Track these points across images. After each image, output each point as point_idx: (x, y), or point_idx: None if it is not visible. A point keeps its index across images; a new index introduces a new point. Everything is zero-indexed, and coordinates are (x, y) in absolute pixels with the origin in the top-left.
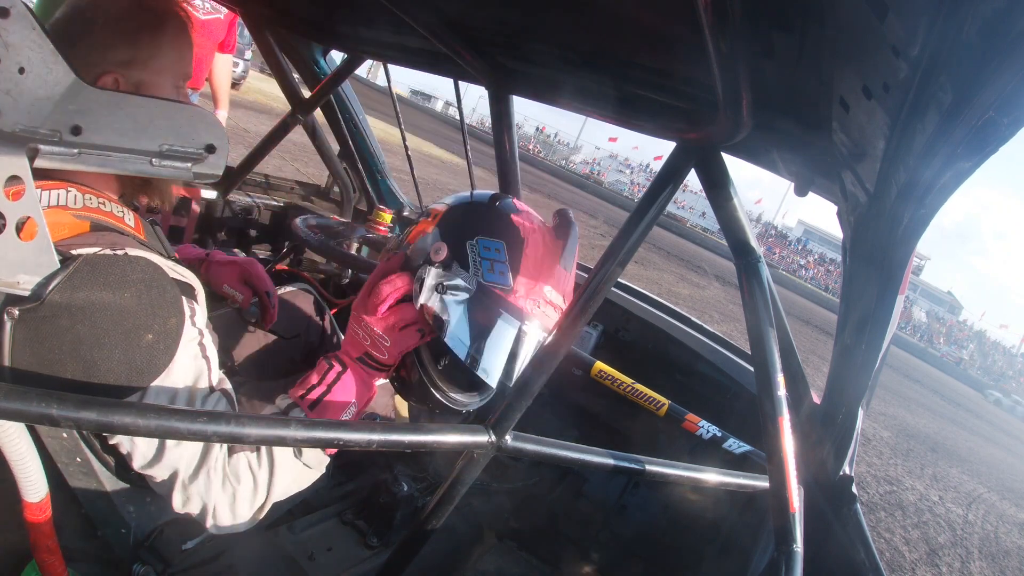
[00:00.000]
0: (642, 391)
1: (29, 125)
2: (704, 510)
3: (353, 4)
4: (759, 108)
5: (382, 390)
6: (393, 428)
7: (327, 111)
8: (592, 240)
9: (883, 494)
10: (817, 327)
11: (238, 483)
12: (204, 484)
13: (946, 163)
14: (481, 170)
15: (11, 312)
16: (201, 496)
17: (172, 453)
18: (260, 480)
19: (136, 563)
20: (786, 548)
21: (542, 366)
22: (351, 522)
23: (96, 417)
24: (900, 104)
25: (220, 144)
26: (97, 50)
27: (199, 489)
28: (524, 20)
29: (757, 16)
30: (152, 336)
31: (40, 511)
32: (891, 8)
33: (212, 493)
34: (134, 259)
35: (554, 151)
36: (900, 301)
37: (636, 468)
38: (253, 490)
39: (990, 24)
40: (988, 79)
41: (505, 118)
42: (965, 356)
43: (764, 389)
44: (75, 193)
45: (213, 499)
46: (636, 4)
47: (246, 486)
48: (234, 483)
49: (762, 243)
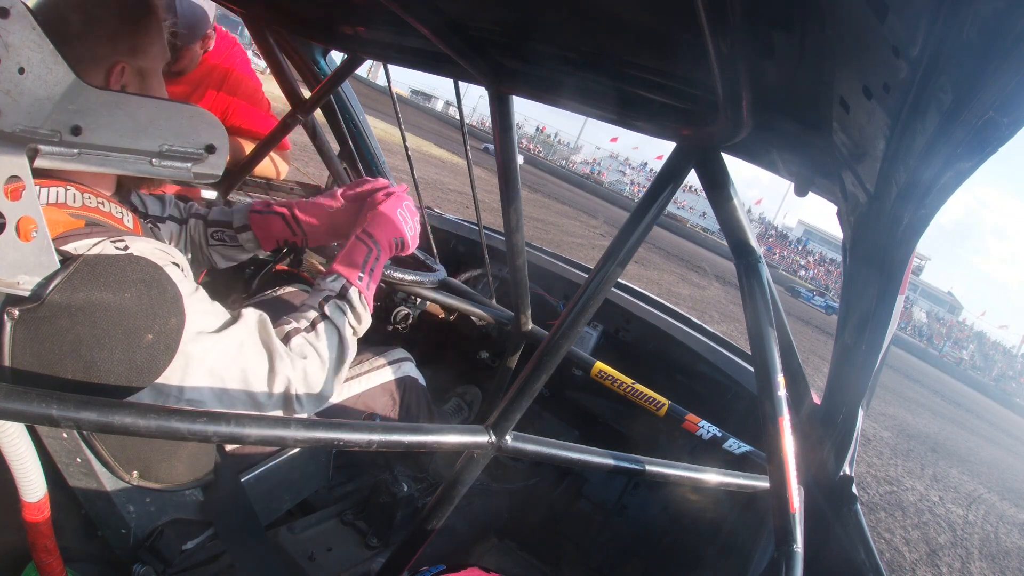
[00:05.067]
0: (642, 391)
1: (29, 125)
2: (704, 510)
3: (353, 4)
4: (759, 108)
5: (382, 389)
6: (393, 428)
7: (327, 111)
8: (592, 240)
9: (883, 494)
10: (817, 327)
11: (305, 359)
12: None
13: (946, 163)
14: (481, 170)
15: (11, 312)
16: (284, 380)
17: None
18: (321, 351)
19: (136, 563)
20: (786, 548)
21: (542, 366)
22: (351, 522)
23: (96, 417)
24: (900, 104)
25: (220, 144)
26: (105, 42)
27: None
28: (524, 20)
29: (757, 16)
30: (152, 336)
31: (38, 511)
32: (891, 8)
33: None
34: (134, 259)
35: (554, 151)
36: (900, 301)
37: (636, 468)
38: (320, 362)
39: (990, 24)
40: (988, 79)
41: (505, 118)
42: (965, 356)
43: (764, 389)
44: (74, 192)
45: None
46: (636, 4)
47: (312, 360)
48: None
49: (762, 243)
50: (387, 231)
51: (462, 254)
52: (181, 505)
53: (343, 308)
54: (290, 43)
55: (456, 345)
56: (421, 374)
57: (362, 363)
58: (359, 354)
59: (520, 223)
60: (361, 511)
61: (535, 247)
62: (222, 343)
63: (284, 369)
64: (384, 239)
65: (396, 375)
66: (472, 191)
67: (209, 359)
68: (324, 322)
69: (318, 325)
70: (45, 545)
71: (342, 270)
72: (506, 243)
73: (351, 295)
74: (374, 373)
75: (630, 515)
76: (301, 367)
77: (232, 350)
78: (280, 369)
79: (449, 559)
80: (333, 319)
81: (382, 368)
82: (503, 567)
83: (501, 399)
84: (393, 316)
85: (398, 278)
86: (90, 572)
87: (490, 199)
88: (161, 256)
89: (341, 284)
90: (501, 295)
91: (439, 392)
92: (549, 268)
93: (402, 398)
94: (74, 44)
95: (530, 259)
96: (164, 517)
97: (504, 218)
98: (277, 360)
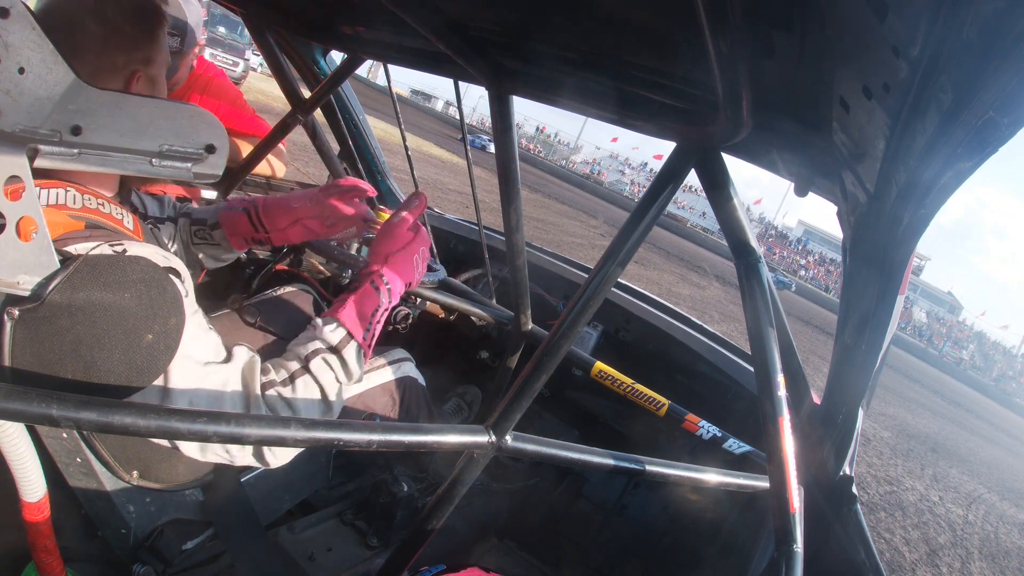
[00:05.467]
0: (642, 391)
1: (29, 125)
2: (704, 510)
3: (353, 4)
4: (759, 108)
5: (382, 389)
6: (393, 428)
7: (327, 111)
8: (592, 240)
9: (883, 494)
10: (817, 327)
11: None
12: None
13: (946, 163)
14: (481, 170)
15: (11, 312)
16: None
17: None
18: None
19: (136, 563)
20: (786, 548)
21: (542, 366)
22: (351, 522)
23: (96, 417)
24: (900, 104)
25: (220, 144)
26: (123, 52)
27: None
28: (524, 20)
29: (757, 16)
30: (152, 336)
31: (38, 511)
32: (891, 8)
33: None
34: (134, 259)
35: (554, 151)
36: (900, 301)
37: (636, 468)
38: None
39: (990, 24)
40: (988, 79)
41: (505, 118)
42: (965, 356)
43: (764, 389)
44: (74, 193)
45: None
46: (636, 4)
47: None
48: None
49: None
50: (405, 276)
51: (462, 254)
52: (181, 505)
53: (331, 365)
54: (290, 43)
55: (456, 345)
56: (421, 374)
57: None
58: None
59: (520, 223)
60: (361, 511)
61: (535, 247)
62: (206, 376)
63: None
64: (400, 288)
65: (396, 375)
66: (472, 191)
67: (190, 384)
68: (305, 376)
69: (297, 380)
70: (45, 545)
71: (346, 321)
72: (506, 243)
73: (347, 352)
74: (374, 373)
75: (630, 515)
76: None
77: (215, 385)
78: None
79: (449, 559)
80: (317, 375)
81: (382, 368)
82: (503, 567)
83: (501, 399)
84: (393, 316)
85: None
86: (90, 572)
87: (490, 199)
88: (161, 262)
89: (340, 337)
90: (501, 295)
91: (439, 392)
92: (549, 268)
93: (402, 398)
94: (94, 54)
95: (530, 259)
96: (164, 517)
97: (504, 218)
98: (254, 411)
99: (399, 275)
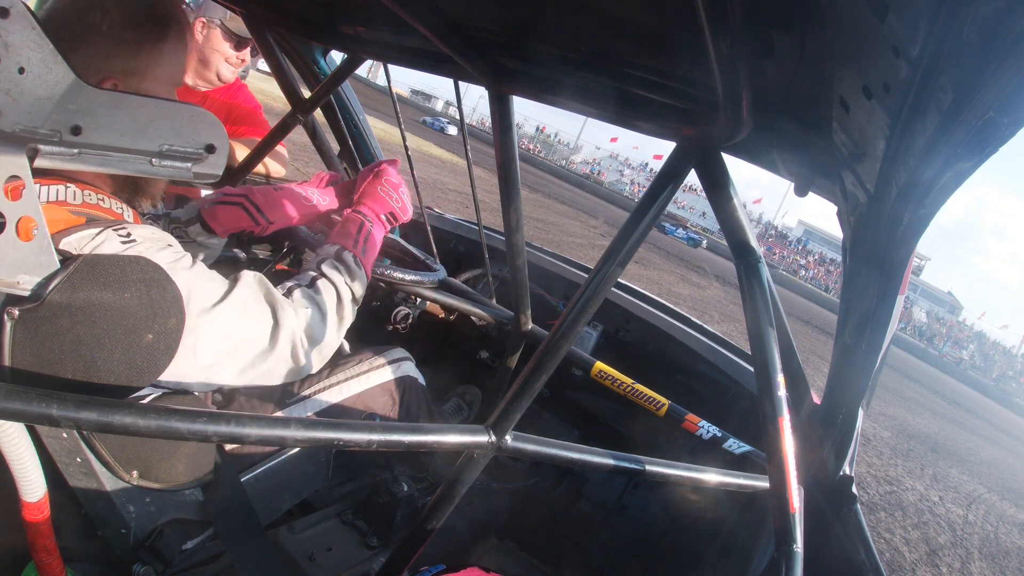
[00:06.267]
0: (642, 391)
1: (29, 125)
2: (704, 510)
3: (353, 4)
4: (759, 108)
5: (382, 389)
6: (393, 428)
7: (327, 111)
8: (592, 240)
9: (883, 494)
10: (817, 327)
11: (307, 309)
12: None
13: (946, 163)
14: (481, 170)
15: (11, 312)
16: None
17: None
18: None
19: (136, 563)
20: (786, 548)
21: (542, 366)
22: (351, 522)
23: (96, 417)
24: (900, 104)
25: (220, 144)
26: (100, 57)
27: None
28: (524, 20)
29: (757, 16)
30: (152, 336)
31: (38, 511)
32: (891, 8)
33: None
34: (134, 259)
35: (554, 151)
36: (900, 301)
37: (636, 468)
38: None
39: (990, 24)
40: (988, 79)
41: (505, 118)
42: (965, 356)
43: (764, 389)
44: (74, 189)
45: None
46: (636, 4)
47: (314, 311)
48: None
49: (762, 243)
50: (375, 207)
51: (462, 254)
52: (181, 505)
53: (338, 267)
54: (290, 43)
55: (456, 345)
56: (421, 374)
57: (361, 362)
58: (358, 353)
59: (520, 223)
60: (361, 511)
61: (535, 247)
62: (228, 310)
63: (288, 320)
64: (373, 213)
65: (396, 375)
66: (472, 191)
67: (219, 326)
68: (322, 279)
69: (317, 282)
70: (45, 545)
71: (336, 239)
72: (506, 243)
73: (345, 257)
74: (374, 373)
75: (630, 515)
76: (304, 316)
77: (237, 313)
78: (284, 321)
79: (449, 559)
80: (330, 276)
81: (382, 368)
82: (503, 567)
83: (501, 399)
84: (393, 316)
85: (398, 278)
86: (90, 572)
87: (490, 199)
88: (160, 239)
89: (336, 248)
90: (501, 295)
91: (439, 392)
92: (549, 268)
93: (402, 398)
94: (71, 51)
95: (530, 259)
96: (164, 517)
97: (504, 218)
98: (280, 312)
99: (371, 205)
